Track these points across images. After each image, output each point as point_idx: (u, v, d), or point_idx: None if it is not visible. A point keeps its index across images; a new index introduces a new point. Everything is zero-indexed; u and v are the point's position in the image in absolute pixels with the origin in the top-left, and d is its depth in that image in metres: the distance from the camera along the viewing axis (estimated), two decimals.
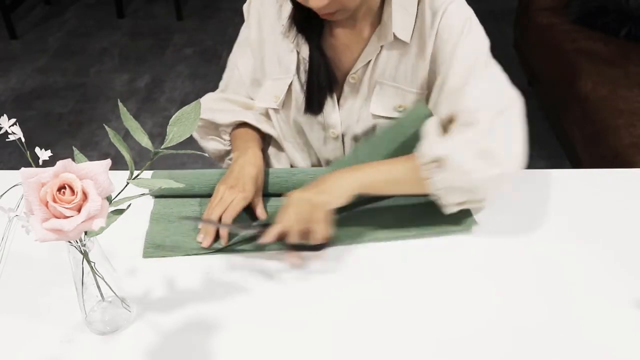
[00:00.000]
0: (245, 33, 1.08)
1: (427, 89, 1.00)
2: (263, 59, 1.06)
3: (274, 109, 1.07)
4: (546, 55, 2.32)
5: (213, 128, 1.11)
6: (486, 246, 0.88)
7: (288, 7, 0.98)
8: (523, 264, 0.85)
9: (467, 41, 0.92)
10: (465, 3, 0.95)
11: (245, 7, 1.07)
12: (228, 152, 1.13)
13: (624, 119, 1.79)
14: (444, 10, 0.94)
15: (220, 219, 0.88)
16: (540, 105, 2.43)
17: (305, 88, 1.01)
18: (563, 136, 2.18)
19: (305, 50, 0.99)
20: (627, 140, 1.72)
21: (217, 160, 1.18)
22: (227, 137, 1.11)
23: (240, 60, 1.09)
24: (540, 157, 2.28)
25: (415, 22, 0.96)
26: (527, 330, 0.75)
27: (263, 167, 0.99)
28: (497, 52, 1.08)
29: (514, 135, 0.87)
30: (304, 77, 1.01)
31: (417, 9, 0.96)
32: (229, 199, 0.90)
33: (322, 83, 0.99)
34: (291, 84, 1.02)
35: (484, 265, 0.85)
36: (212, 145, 1.14)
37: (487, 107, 0.87)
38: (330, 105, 1.02)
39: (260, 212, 0.94)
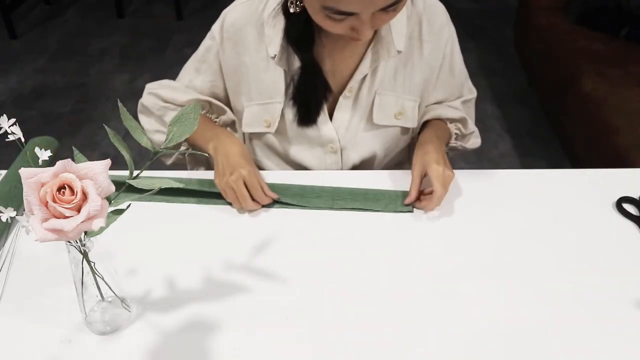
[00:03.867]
0: (207, 49, 1.05)
1: (420, 96, 1.02)
2: (240, 83, 1.04)
3: (264, 133, 1.05)
4: (546, 55, 2.32)
5: (161, 121, 1.08)
6: (486, 246, 0.88)
7: (272, 30, 0.97)
8: (522, 263, 0.85)
9: (454, 38, 1.06)
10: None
11: (217, 28, 1.03)
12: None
13: (624, 119, 1.79)
14: (441, 26, 1.02)
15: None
16: (540, 105, 2.43)
17: (298, 100, 0.99)
18: (563, 136, 2.18)
19: (296, 66, 0.97)
20: (627, 140, 1.72)
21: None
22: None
23: (197, 76, 1.08)
24: (540, 157, 2.28)
25: (409, 29, 0.97)
26: (526, 330, 0.75)
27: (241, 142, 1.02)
28: (497, 52, 1.09)
29: None
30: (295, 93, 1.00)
31: (409, 16, 0.98)
32: (241, 185, 0.92)
33: (318, 93, 0.98)
34: (284, 107, 1.01)
35: (484, 265, 0.85)
36: (157, 137, 1.10)
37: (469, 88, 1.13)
38: (322, 120, 1.02)
39: (268, 191, 0.95)
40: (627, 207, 0.95)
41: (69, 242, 0.65)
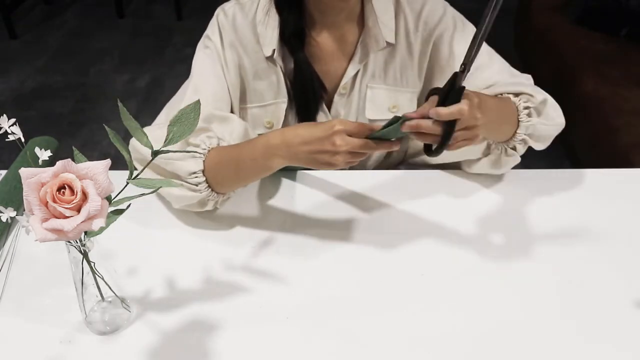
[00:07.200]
0: (212, 59, 0.98)
1: (422, 86, 1.02)
2: (245, 85, 1.01)
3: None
4: (546, 55, 2.32)
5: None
6: (486, 245, 0.88)
7: (266, 29, 0.96)
8: (522, 263, 0.85)
9: (466, 35, 0.98)
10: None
11: (214, 32, 0.99)
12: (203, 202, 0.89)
13: (624, 119, 1.79)
14: (428, 11, 0.98)
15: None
16: None
17: (297, 99, 0.99)
18: (563, 136, 2.18)
19: (291, 66, 0.97)
20: (627, 140, 1.72)
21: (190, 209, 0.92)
22: (197, 179, 0.86)
23: (209, 88, 0.97)
24: (540, 157, 2.28)
25: (395, 21, 0.97)
26: (526, 330, 0.75)
27: None
28: (497, 52, 1.08)
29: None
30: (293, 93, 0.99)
31: (394, 8, 0.97)
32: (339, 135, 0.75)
33: (315, 91, 0.98)
34: (287, 106, 1.00)
35: (484, 265, 0.85)
36: (177, 192, 0.88)
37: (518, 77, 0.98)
38: (322, 118, 1.02)
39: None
40: (627, 206, 0.95)
41: (69, 242, 0.65)
